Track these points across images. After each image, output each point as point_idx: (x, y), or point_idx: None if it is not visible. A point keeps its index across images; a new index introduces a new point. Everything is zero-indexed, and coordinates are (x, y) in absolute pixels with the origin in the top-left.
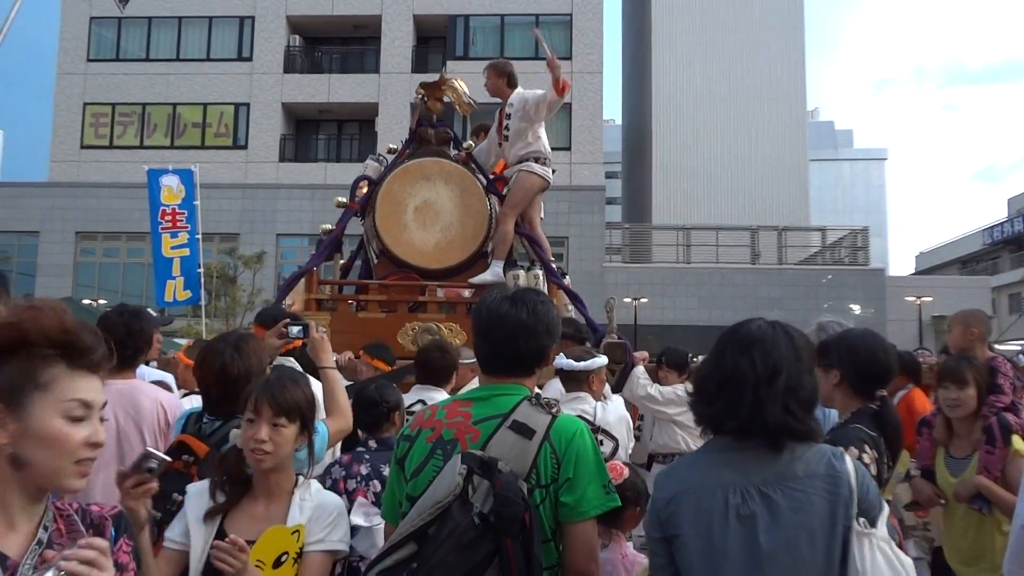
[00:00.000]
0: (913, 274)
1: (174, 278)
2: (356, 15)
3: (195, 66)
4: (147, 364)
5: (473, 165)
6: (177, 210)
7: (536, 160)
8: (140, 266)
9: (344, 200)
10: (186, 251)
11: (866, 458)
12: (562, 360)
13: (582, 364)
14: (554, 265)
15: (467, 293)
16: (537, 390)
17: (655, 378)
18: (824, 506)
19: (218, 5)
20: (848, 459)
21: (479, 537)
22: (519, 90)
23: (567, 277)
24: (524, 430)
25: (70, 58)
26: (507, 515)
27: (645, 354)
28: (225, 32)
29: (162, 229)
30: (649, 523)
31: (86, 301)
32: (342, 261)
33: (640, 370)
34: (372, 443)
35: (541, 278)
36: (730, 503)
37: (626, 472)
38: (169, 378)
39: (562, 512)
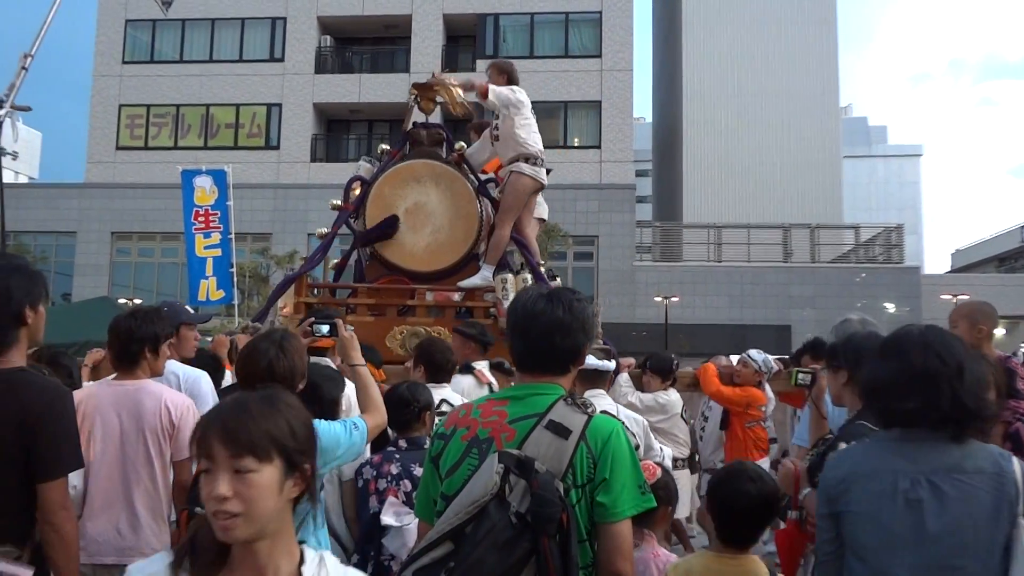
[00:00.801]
0: (949, 272)
1: (207, 278)
2: (386, 15)
3: (228, 67)
4: (188, 362)
5: (465, 166)
6: (210, 210)
7: (526, 160)
8: (174, 266)
9: (338, 202)
10: (219, 251)
11: None
12: (589, 360)
13: (604, 364)
14: (543, 269)
15: (457, 296)
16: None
17: (639, 384)
18: (989, 500)
19: (250, 6)
20: (1015, 460)
21: (516, 537)
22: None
23: (558, 279)
24: (560, 430)
25: (106, 60)
26: (544, 515)
27: (631, 360)
28: (257, 33)
29: (195, 229)
30: (818, 501)
31: (121, 300)
32: (335, 261)
33: (624, 377)
34: (402, 443)
35: (529, 282)
36: (899, 487)
37: (659, 472)
38: (201, 377)
39: (597, 512)
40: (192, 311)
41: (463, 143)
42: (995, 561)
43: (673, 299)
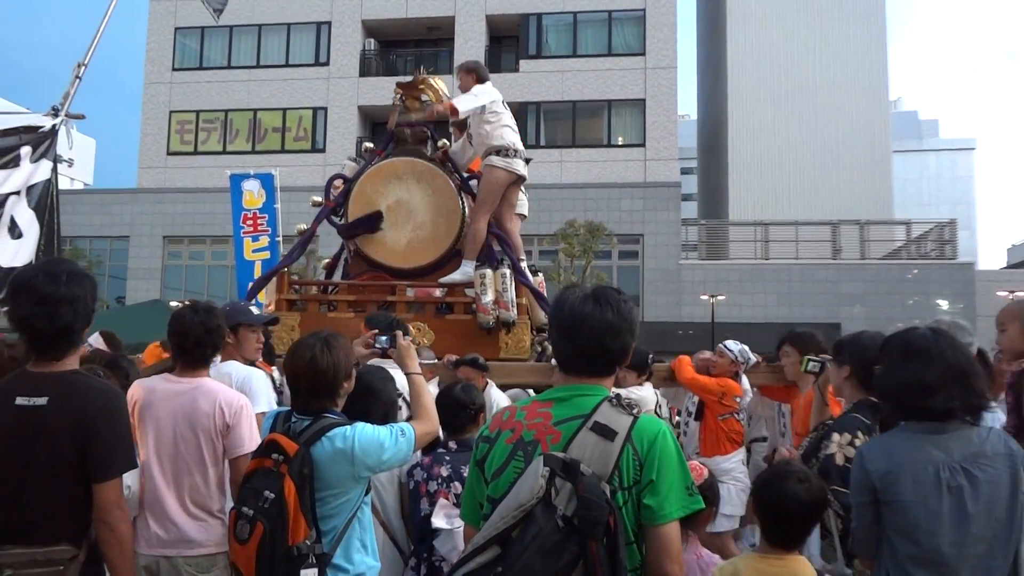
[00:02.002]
0: (1005, 268)
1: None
2: (429, 17)
3: (274, 72)
4: (252, 363)
5: (449, 164)
6: (258, 214)
7: (498, 153)
8: (224, 268)
9: (319, 199)
10: (267, 254)
11: (858, 442)
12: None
13: None
14: (524, 263)
15: (438, 293)
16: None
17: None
18: (1008, 477)
19: (296, 12)
20: (1013, 440)
21: (563, 540)
22: (487, 84)
23: (539, 274)
24: (606, 431)
25: (156, 68)
26: (591, 518)
27: None
28: (303, 38)
29: (244, 233)
30: (857, 489)
31: (173, 303)
32: (326, 260)
33: None
34: (452, 444)
35: (509, 277)
36: (941, 477)
37: (705, 473)
38: (252, 375)
39: (645, 515)
40: (256, 311)
41: (446, 141)
42: (1014, 529)
43: (720, 297)
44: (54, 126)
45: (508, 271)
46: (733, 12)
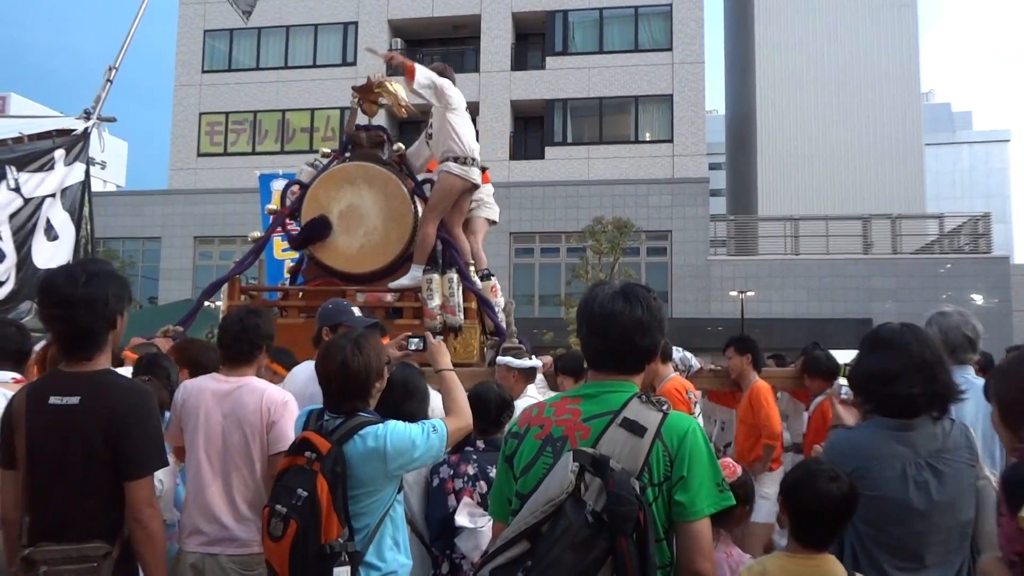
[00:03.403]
0: None
1: (286, 280)
2: (455, 15)
3: (302, 73)
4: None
5: (404, 167)
6: None
7: (456, 160)
8: (254, 268)
9: (275, 207)
10: (296, 253)
11: None
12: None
13: (536, 362)
14: (471, 268)
15: (389, 297)
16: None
17: (552, 383)
18: (967, 469)
19: (323, 13)
20: (969, 428)
21: (593, 536)
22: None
23: (493, 278)
24: (635, 427)
25: (186, 70)
26: (621, 514)
27: (548, 359)
28: (330, 38)
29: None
30: None
31: (218, 303)
32: (291, 265)
33: (539, 377)
34: (480, 443)
35: (456, 281)
36: (908, 474)
37: (739, 471)
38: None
39: (676, 511)
40: (357, 313)
41: (401, 144)
42: (973, 514)
43: (749, 293)
44: (86, 129)
45: (455, 276)
46: (760, 5)
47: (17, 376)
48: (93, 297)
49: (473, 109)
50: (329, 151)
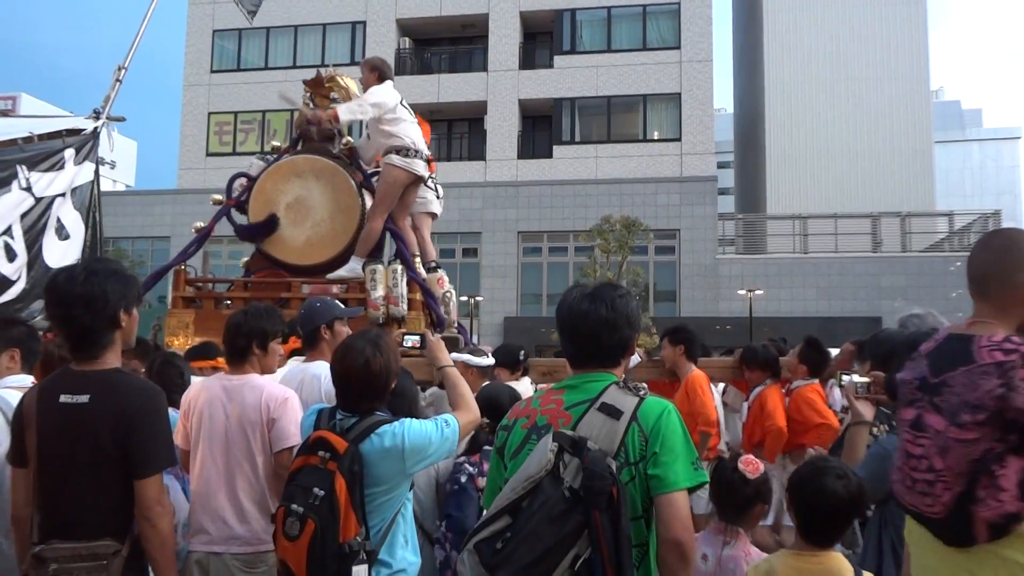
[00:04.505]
0: None
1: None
2: (463, 14)
3: (310, 72)
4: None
5: (353, 161)
6: None
7: (398, 152)
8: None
9: (220, 197)
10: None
11: (875, 431)
12: (471, 358)
13: (487, 360)
14: (416, 259)
15: (335, 289)
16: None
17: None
18: None
19: (331, 12)
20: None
21: (569, 510)
22: (385, 84)
23: (440, 270)
24: (612, 411)
25: (195, 70)
26: (595, 488)
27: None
28: (338, 38)
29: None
30: (877, 475)
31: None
32: (245, 259)
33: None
34: None
35: (400, 272)
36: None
37: (762, 468)
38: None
39: (652, 485)
40: (341, 306)
41: (351, 138)
42: None
43: (758, 292)
44: (96, 129)
45: (399, 267)
46: (769, 2)
47: (36, 380)
48: (91, 295)
49: (481, 108)
50: (279, 144)
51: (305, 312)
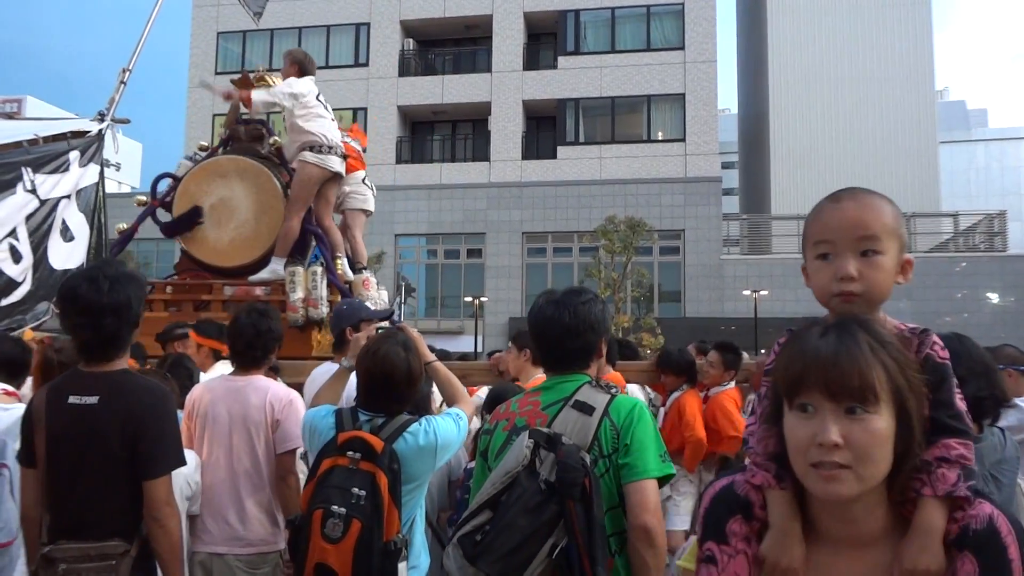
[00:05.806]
0: None
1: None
2: (467, 16)
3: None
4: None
5: (281, 161)
6: None
7: (311, 149)
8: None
9: (144, 199)
10: None
11: None
12: None
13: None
14: (339, 260)
15: (259, 291)
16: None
17: None
18: (1015, 479)
19: (335, 13)
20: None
21: (545, 501)
22: (305, 78)
23: (366, 271)
24: (585, 408)
25: (200, 72)
26: (569, 479)
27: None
28: (342, 39)
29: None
30: None
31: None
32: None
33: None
34: None
35: (320, 275)
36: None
37: None
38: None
39: (623, 473)
40: (371, 307)
41: (278, 138)
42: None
43: (762, 292)
44: (100, 131)
45: (320, 269)
46: (773, 3)
47: (8, 388)
48: (119, 303)
49: (485, 109)
50: (206, 145)
51: (334, 314)
